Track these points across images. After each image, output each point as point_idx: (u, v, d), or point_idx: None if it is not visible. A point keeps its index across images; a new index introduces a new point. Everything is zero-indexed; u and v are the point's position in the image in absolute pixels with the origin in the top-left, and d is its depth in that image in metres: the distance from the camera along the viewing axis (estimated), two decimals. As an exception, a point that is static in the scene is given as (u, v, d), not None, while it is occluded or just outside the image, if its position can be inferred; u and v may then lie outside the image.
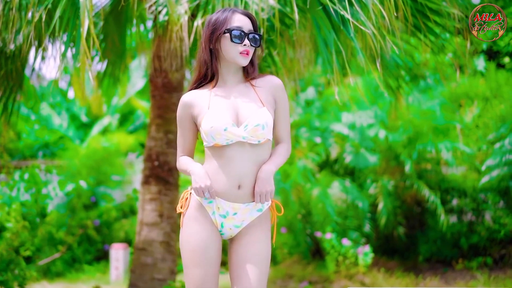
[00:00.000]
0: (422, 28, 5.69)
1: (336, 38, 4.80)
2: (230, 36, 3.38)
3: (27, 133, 13.56)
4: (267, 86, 3.53)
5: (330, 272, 9.10)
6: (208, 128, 3.35)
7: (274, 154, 3.54)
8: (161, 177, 6.83)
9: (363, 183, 9.91)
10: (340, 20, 4.81)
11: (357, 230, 9.53)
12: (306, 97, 10.97)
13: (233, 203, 3.40)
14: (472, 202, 9.57)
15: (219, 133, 3.33)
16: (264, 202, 3.41)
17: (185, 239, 3.44)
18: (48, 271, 9.92)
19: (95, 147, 11.81)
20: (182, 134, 3.58)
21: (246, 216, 3.44)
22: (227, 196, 3.39)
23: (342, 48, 4.71)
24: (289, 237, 10.07)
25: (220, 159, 3.38)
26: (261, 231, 3.48)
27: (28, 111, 14.50)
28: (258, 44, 3.44)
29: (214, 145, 3.38)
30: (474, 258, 9.34)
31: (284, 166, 10.10)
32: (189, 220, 3.44)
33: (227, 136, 3.34)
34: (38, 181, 10.03)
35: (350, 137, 9.82)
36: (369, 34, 4.67)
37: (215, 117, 3.36)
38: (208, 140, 3.38)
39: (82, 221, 10.33)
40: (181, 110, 3.54)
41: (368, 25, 4.66)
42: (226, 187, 3.37)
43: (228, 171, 3.37)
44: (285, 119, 3.61)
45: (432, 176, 9.84)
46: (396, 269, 9.31)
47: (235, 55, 3.40)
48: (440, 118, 9.81)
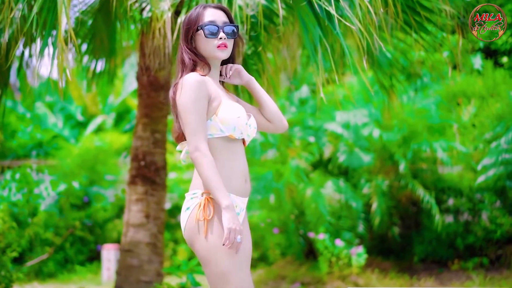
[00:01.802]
0: (413, 25, 5.59)
1: (321, 34, 4.68)
2: (204, 32, 3.26)
3: (22, 132, 13.46)
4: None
5: (323, 273, 9.00)
6: (235, 117, 3.19)
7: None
8: (147, 177, 6.71)
9: (357, 183, 9.80)
10: (326, 16, 4.69)
11: (351, 230, 9.42)
12: (300, 95, 10.87)
13: (244, 198, 3.30)
14: (468, 202, 9.49)
15: (242, 125, 3.23)
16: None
17: (221, 245, 3.17)
18: (40, 271, 9.86)
19: (88, 146, 11.70)
20: (201, 118, 3.16)
21: (243, 210, 3.35)
22: (240, 191, 3.27)
23: (327, 45, 4.59)
24: (281, 237, 9.98)
25: (227, 154, 3.25)
26: (247, 226, 3.43)
27: (24, 110, 14.43)
28: (235, 35, 3.32)
29: (229, 136, 3.23)
30: (470, 259, 9.25)
31: (277, 166, 10.05)
32: (220, 224, 3.17)
33: (245, 130, 3.26)
34: (30, 181, 9.97)
35: (344, 136, 9.71)
36: (355, 31, 4.56)
37: (239, 108, 3.24)
38: (225, 129, 3.20)
39: (73, 222, 10.24)
40: (199, 89, 3.16)
41: (354, 21, 4.54)
42: (240, 183, 3.27)
43: (237, 166, 3.27)
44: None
45: (428, 175, 9.76)
46: (390, 270, 9.23)
47: (212, 50, 3.28)
48: (435, 117, 9.72)
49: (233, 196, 3.23)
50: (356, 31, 4.55)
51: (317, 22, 4.76)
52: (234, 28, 3.32)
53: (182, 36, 3.35)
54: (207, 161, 3.09)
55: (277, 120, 3.50)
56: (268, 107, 3.47)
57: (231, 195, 3.22)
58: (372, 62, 6.64)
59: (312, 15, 4.76)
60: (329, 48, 4.65)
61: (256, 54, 5.54)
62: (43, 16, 4.77)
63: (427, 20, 5.67)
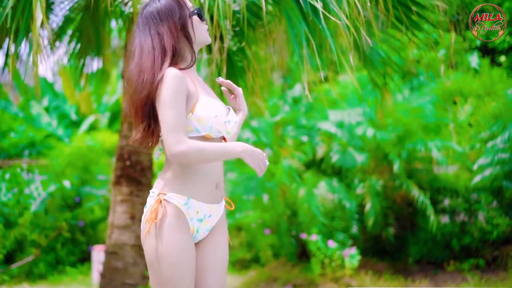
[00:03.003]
0: (404, 21, 5.45)
1: (307, 30, 4.53)
2: (200, 17, 3.17)
3: (15, 131, 13.35)
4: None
5: (315, 275, 8.90)
6: (211, 116, 3.02)
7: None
8: (133, 177, 6.56)
9: (350, 183, 9.68)
10: (312, 11, 4.54)
11: (344, 231, 9.31)
12: (293, 94, 10.75)
13: (211, 204, 3.13)
14: (464, 202, 9.39)
15: (220, 125, 3.06)
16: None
17: (165, 251, 3.03)
18: (30, 272, 9.73)
19: (80, 146, 11.57)
20: (180, 113, 2.97)
21: (216, 218, 3.19)
22: (208, 198, 3.11)
23: (313, 42, 4.44)
24: (273, 238, 9.86)
25: None
26: (225, 231, 3.28)
27: (17, 110, 14.34)
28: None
29: (205, 136, 3.05)
30: (466, 260, 9.15)
31: (269, 166, 9.81)
32: (168, 229, 3.03)
33: (223, 128, 3.09)
34: (20, 181, 9.86)
35: (338, 136, 9.58)
36: (342, 26, 4.41)
37: (217, 106, 3.07)
38: (201, 128, 3.03)
39: (63, 222, 10.12)
40: (178, 83, 2.97)
41: (341, 16, 4.40)
42: (207, 188, 3.10)
43: (207, 169, 3.09)
44: None
45: (423, 175, 9.64)
46: (385, 271, 9.12)
47: (205, 34, 3.20)
48: (431, 116, 9.60)
49: (193, 202, 3.08)
50: (343, 27, 4.41)
51: (302, 17, 4.62)
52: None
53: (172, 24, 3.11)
54: (194, 146, 2.93)
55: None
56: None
57: (190, 200, 3.07)
58: (365, 60, 6.51)
59: (297, 9, 4.62)
60: (314, 45, 4.50)
61: (241, 50, 5.40)
62: (19, 11, 4.62)
63: (419, 16, 5.53)
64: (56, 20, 6.95)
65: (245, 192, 9.61)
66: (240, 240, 10.09)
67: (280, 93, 10.81)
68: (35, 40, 4.24)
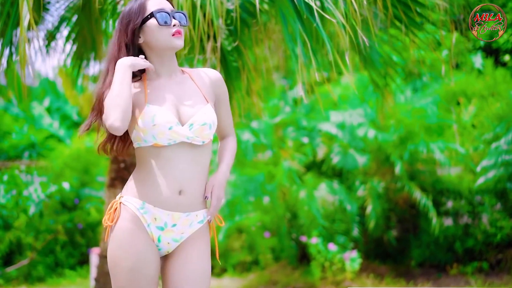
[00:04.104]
0: (403, 20, 5.33)
1: (301, 29, 4.41)
2: (157, 20, 2.98)
3: (16, 133, 13.29)
4: (208, 80, 3.16)
5: (316, 278, 8.84)
6: (150, 126, 2.92)
7: (225, 153, 3.22)
8: (127, 179, 6.43)
9: (351, 185, 9.57)
10: (307, 9, 4.42)
11: (345, 234, 9.24)
12: (293, 95, 10.65)
13: (173, 212, 2.98)
14: (468, 205, 9.32)
15: (162, 133, 2.92)
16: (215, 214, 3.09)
17: (118, 256, 2.97)
18: (29, 275, 9.67)
19: (79, 147, 11.49)
20: None
21: (185, 228, 3.03)
22: (166, 204, 2.97)
23: (307, 40, 4.32)
24: (274, 241, 9.79)
25: (157, 162, 2.97)
26: (202, 245, 3.08)
27: (18, 111, 14.30)
28: (186, 23, 3.06)
29: (154, 145, 2.96)
30: (470, 263, 9.10)
31: (269, 167, 9.85)
32: (122, 233, 2.97)
33: (171, 136, 2.94)
34: (19, 183, 9.79)
35: (339, 137, 9.49)
36: (337, 25, 4.30)
37: (157, 114, 2.94)
38: (146, 139, 2.95)
39: (61, 225, 10.05)
40: None
41: (336, 14, 4.29)
42: (165, 193, 2.96)
43: (166, 174, 2.95)
44: (229, 112, 3.27)
45: (426, 177, 9.57)
46: (386, 275, 9.06)
47: (167, 38, 3.00)
48: (433, 117, 9.51)
49: (150, 207, 2.98)
50: (338, 25, 4.30)
51: (297, 16, 4.50)
52: (183, 14, 3.06)
53: (119, 32, 3.04)
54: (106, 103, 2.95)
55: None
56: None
57: (146, 204, 2.98)
58: (365, 61, 6.40)
59: (292, 8, 4.51)
60: (310, 45, 4.39)
61: (237, 50, 5.29)
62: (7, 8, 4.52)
63: (419, 15, 5.41)
64: (51, 20, 6.86)
65: (245, 194, 9.54)
66: (240, 242, 10.02)
67: (281, 94, 10.70)
68: (22, 40, 4.13)
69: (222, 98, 3.20)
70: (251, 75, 5.45)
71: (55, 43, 6.97)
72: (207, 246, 3.10)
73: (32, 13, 4.46)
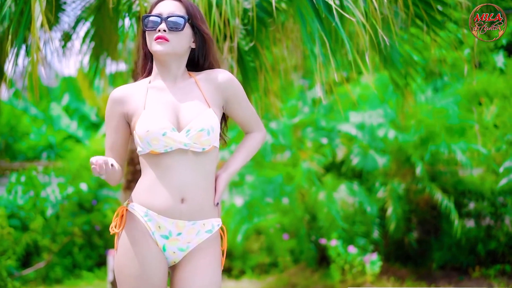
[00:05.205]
0: (425, 19, 5.23)
1: (320, 28, 4.31)
2: (143, 25, 2.99)
3: (34, 133, 13.32)
4: (213, 83, 3.06)
5: (335, 281, 8.76)
6: (144, 132, 2.88)
7: (238, 149, 3.16)
8: (141, 183, 6.38)
9: (371, 187, 9.48)
10: (326, 8, 4.33)
11: (365, 236, 9.17)
12: (312, 95, 10.57)
13: (177, 220, 2.91)
14: (490, 206, 9.21)
15: (156, 139, 2.87)
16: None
17: (123, 264, 2.92)
18: (47, 277, 9.67)
19: (97, 148, 11.47)
20: (109, 135, 3.11)
21: (192, 237, 2.96)
22: (169, 212, 2.90)
23: (326, 40, 4.22)
24: (292, 243, 9.73)
25: (158, 169, 2.91)
26: (211, 256, 2.99)
27: (36, 112, 14.32)
28: (178, 28, 2.94)
29: (150, 152, 2.90)
30: (492, 266, 8.99)
31: (287, 168, 9.77)
32: (127, 241, 2.93)
33: (166, 142, 2.87)
34: (37, 184, 9.78)
35: (358, 138, 9.43)
36: (356, 24, 4.20)
37: (151, 120, 2.89)
38: (143, 146, 2.91)
39: (76, 226, 10.03)
40: (109, 108, 3.08)
41: (355, 13, 4.18)
42: (167, 201, 2.89)
43: (167, 182, 2.89)
44: (248, 109, 3.17)
45: (447, 178, 9.48)
46: (407, 278, 8.96)
47: (151, 43, 2.97)
48: (455, 117, 9.40)
49: (153, 214, 2.92)
50: (358, 24, 4.20)
51: (315, 15, 4.41)
52: (179, 19, 2.95)
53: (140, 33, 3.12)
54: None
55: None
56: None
57: (149, 212, 2.92)
58: (385, 60, 6.30)
59: (310, 7, 4.41)
60: (328, 44, 4.29)
61: (254, 50, 5.20)
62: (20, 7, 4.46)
63: (441, 14, 5.31)
64: (68, 20, 6.84)
65: (263, 195, 9.49)
66: (259, 244, 9.97)
67: (299, 94, 10.63)
68: (34, 42, 4.06)
69: (234, 97, 3.11)
70: (268, 75, 5.38)
71: (71, 43, 6.96)
72: (216, 256, 3.02)
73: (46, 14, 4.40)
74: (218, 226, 3.04)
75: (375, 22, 4.35)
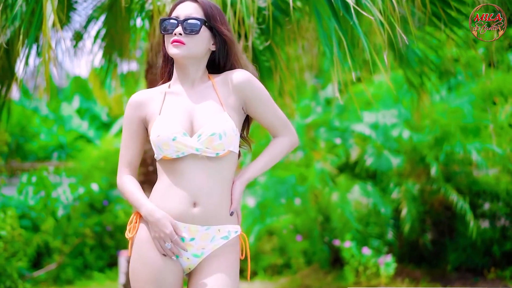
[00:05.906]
0: (442, 17, 5.14)
1: (337, 27, 4.24)
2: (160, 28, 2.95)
3: (45, 133, 13.31)
4: (230, 85, 2.97)
5: (349, 283, 8.72)
6: (155, 137, 2.84)
7: (262, 154, 3.05)
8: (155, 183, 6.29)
9: (385, 187, 9.41)
10: (343, 6, 4.25)
11: (379, 237, 9.11)
12: (326, 95, 10.52)
13: (189, 224, 2.84)
14: (506, 207, 9.15)
15: (166, 144, 2.82)
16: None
17: (137, 267, 2.86)
18: (58, 278, 9.66)
19: (108, 148, 11.44)
20: (127, 144, 3.04)
21: (206, 243, 2.88)
22: (181, 217, 2.84)
23: (343, 38, 4.14)
24: (306, 244, 9.68)
25: (172, 175, 2.86)
26: (226, 262, 2.91)
27: (47, 112, 14.33)
28: (194, 31, 2.87)
29: (163, 158, 2.85)
30: (508, 267, 8.93)
31: (300, 169, 9.71)
32: (141, 245, 2.87)
33: (177, 147, 2.82)
34: (47, 184, 9.75)
35: (372, 138, 9.36)
36: (374, 22, 4.12)
37: (164, 125, 2.85)
38: (156, 151, 2.87)
39: (87, 227, 10.00)
40: (128, 112, 3.03)
41: (374, 11, 4.11)
42: (180, 205, 2.83)
43: (181, 187, 2.83)
44: (271, 110, 3.04)
45: (462, 179, 9.40)
46: (422, 279, 8.91)
47: (168, 46, 2.91)
48: (469, 117, 9.31)
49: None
50: (376, 23, 4.12)
51: (333, 13, 4.33)
52: (195, 22, 2.89)
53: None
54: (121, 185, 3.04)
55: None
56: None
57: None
58: (400, 59, 6.23)
59: (327, 5, 4.34)
60: (346, 43, 4.21)
61: (269, 49, 5.13)
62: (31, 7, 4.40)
63: (458, 12, 5.22)
64: (79, 20, 6.80)
65: (276, 196, 9.44)
66: (271, 245, 9.93)
67: (312, 94, 10.57)
68: (46, 41, 4.01)
69: (253, 98, 2.99)
70: (283, 75, 5.30)
71: (82, 43, 6.91)
72: (232, 264, 2.94)
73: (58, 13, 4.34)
74: (236, 233, 2.96)
75: (393, 20, 4.28)
